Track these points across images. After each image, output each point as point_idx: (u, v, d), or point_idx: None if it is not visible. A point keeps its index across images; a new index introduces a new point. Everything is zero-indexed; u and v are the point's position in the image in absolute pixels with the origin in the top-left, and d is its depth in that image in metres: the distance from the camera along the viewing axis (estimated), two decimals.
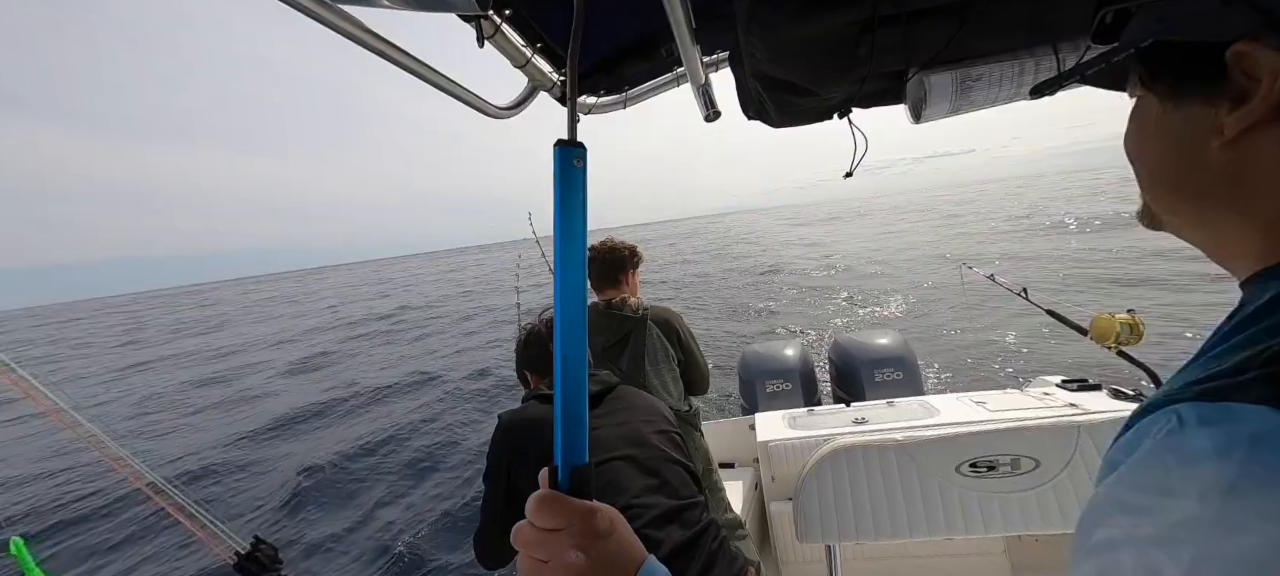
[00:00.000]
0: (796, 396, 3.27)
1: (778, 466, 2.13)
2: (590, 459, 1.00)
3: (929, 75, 0.98)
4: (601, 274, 1.80)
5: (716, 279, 20.14)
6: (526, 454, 1.05)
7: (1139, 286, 10.22)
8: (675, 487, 1.04)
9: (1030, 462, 1.11)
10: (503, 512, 1.10)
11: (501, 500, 1.09)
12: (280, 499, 5.86)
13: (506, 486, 1.08)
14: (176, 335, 25.98)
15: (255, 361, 15.25)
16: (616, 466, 1.01)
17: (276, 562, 1.31)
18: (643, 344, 1.77)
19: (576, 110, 0.48)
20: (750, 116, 1.33)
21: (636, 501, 0.98)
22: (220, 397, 11.22)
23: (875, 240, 26.85)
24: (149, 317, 40.69)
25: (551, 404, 1.10)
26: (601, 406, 1.11)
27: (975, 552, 1.95)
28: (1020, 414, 2.04)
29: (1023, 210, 31.98)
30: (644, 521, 0.97)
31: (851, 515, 1.15)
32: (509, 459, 1.07)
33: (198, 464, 7.27)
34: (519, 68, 1.24)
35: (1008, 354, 7.96)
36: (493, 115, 1.31)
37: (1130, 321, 1.80)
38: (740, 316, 13.09)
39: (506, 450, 1.08)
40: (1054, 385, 2.34)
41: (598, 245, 1.83)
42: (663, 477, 1.03)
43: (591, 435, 1.06)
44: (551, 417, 1.10)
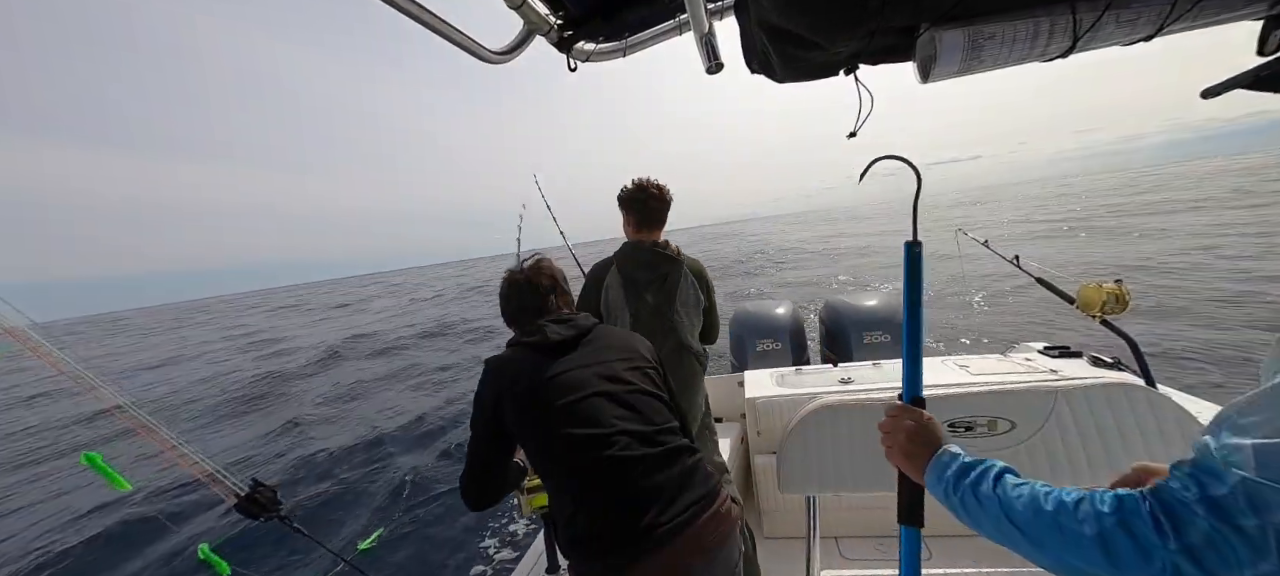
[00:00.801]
0: (786, 355, 3.33)
1: (763, 422, 2.19)
2: (569, 395, 1.05)
3: (940, 31, 0.94)
4: (645, 216, 1.88)
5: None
6: (514, 390, 1.09)
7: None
8: (648, 416, 1.10)
9: (1006, 424, 1.14)
10: (489, 450, 1.14)
11: (489, 437, 1.13)
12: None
13: (495, 422, 1.11)
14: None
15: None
16: (593, 402, 1.06)
17: (275, 503, 1.35)
18: (676, 283, 1.87)
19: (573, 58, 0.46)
20: (754, 70, 1.29)
21: (612, 430, 1.04)
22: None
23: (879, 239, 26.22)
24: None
25: (531, 350, 1.13)
26: (578, 349, 1.15)
27: None
28: (1001, 378, 2.10)
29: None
30: (619, 447, 1.02)
31: (832, 469, 1.20)
32: (496, 395, 1.11)
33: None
34: (514, 8, 1.18)
35: (994, 320, 8.11)
36: (488, 60, 1.26)
37: (1117, 291, 1.83)
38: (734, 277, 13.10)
39: (495, 388, 1.11)
40: (1036, 351, 2.39)
41: (642, 185, 1.88)
42: (636, 409, 1.10)
43: (569, 375, 1.08)
44: (533, 362, 1.10)
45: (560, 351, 1.14)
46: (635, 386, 1.13)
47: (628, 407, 1.09)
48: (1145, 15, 0.89)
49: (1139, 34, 0.92)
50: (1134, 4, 0.88)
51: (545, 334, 1.14)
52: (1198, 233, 13.60)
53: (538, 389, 1.07)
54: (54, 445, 8.21)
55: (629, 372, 1.15)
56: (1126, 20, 0.89)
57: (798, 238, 41.64)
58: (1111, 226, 16.94)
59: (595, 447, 1.02)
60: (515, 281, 1.28)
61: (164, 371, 15.53)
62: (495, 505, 1.21)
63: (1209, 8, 0.87)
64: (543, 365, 1.11)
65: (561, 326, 1.17)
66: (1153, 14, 0.88)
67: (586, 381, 1.09)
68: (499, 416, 1.10)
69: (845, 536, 2.11)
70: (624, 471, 1.02)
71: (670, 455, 1.07)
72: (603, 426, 1.04)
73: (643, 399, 1.12)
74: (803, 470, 1.21)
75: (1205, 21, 0.91)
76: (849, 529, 2.11)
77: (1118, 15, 0.88)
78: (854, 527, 2.11)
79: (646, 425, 1.08)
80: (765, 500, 2.19)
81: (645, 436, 1.06)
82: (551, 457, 1.06)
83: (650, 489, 1.01)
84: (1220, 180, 34.95)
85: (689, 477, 1.07)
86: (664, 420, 1.13)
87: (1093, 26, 0.89)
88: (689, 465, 1.09)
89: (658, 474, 1.04)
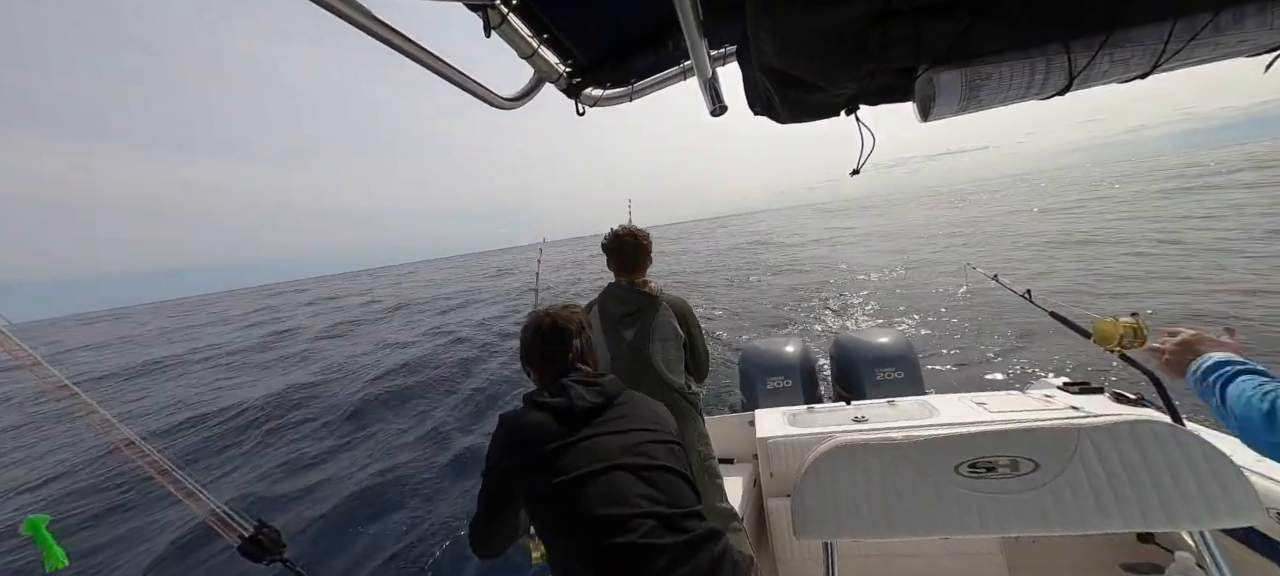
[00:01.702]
0: (797, 393, 3.27)
1: (776, 463, 2.13)
2: (591, 466, 1.01)
3: (938, 73, 0.97)
4: (623, 259, 1.99)
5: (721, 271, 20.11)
6: (527, 456, 1.05)
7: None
8: (673, 497, 1.03)
9: (1029, 464, 1.10)
10: (498, 505, 1.11)
11: (497, 494, 1.10)
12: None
13: (504, 483, 1.08)
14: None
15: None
16: (616, 476, 1.01)
17: (279, 546, 1.32)
18: (653, 319, 1.92)
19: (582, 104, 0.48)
20: (757, 112, 1.32)
21: (636, 511, 0.98)
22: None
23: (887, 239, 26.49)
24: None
25: (546, 411, 1.09)
26: (605, 415, 1.11)
27: (972, 552, 1.96)
28: (1021, 415, 2.04)
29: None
30: (643, 531, 0.95)
31: (849, 513, 1.15)
32: (508, 459, 1.08)
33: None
34: (525, 59, 1.24)
35: (1010, 355, 7.94)
36: (499, 105, 1.31)
37: (1134, 325, 1.79)
38: (739, 309, 13.07)
39: (505, 457, 1.08)
40: (1056, 387, 2.33)
41: (618, 233, 1.98)
42: (660, 487, 1.04)
43: (594, 443, 1.04)
44: (548, 427, 1.07)
45: (585, 419, 1.09)
46: (660, 463, 1.07)
47: (652, 485, 1.02)
48: (1139, 55, 0.91)
49: (1133, 72, 0.95)
50: (1128, 44, 0.90)
51: (570, 397, 1.09)
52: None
53: (556, 457, 1.02)
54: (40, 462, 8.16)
55: (653, 446, 1.09)
56: (1120, 59, 0.92)
57: (799, 229, 41.94)
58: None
59: (615, 531, 0.95)
60: (540, 325, 1.24)
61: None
62: (504, 553, 1.18)
63: (1201, 48, 0.90)
64: (564, 431, 1.05)
65: (587, 389, 1.12)
66: (1147, 54, 0.91)
67: (611, 451, 1.03)
68: (507, 480, 1.07)
69: None
70: (644, 561, 0.93)
71: (694, 544, 0.98)
72: (625, 506, 0.97)
73: (667, 477, 1.06)
74: (819, 514, 1.17)
75: (1198, 60, 0.93)
76: None
77: (1112, 54, 0.91)
78: (875, 575, 2.02)
79: (671, 508, 1.01)
80: (780, 547, 2.11)
81: (669, 520, 0.99)
82: (564, 535, 0.99)
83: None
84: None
85: (717, 567, 0.98)
86: (688, 503, 1.06)
87: (1087, 66, 0.92)
88: (716, 555, 1.00)
89: (682, 565, 0.95)
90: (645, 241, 1.99)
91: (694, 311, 2.02)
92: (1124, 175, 57.61)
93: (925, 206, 47.09)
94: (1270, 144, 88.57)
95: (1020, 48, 0.94)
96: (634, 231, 1.98)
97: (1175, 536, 1.78)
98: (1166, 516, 1.03)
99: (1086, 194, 34.89)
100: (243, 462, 6.94)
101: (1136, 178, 46.48)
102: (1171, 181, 33.93)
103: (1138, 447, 1.07)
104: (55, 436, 9.48)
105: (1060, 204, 29.90)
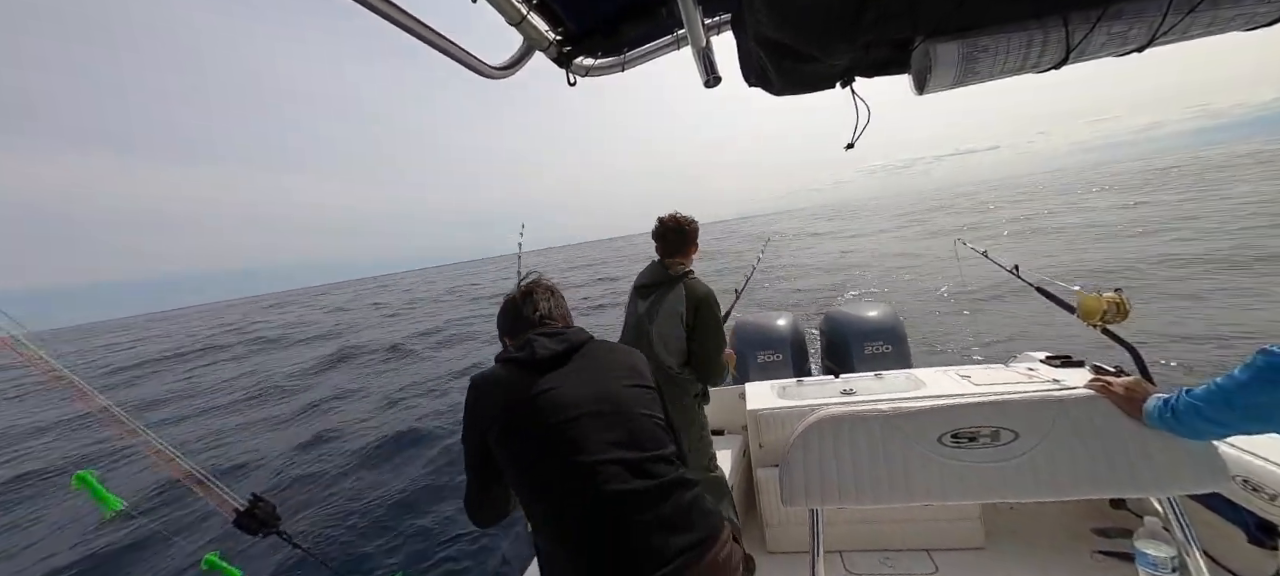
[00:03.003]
0: (787, 367, 3.31)
1: (765, 434, 2.18)
2: (556, 418, 1.00)
3: (934, 44, 0.96)
4: (665, 244, 2.07)
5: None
6: (495, 410, 1.04)
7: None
8: (641, 440, 1.01)
9: (1009, 434, 1.13)
10: (481, 470, 1.10)
11: (478, 458, 1.09)
12: None
13: (481, 444, 1.07)
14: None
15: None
16: (582, 423, 0.99)
17: (274, 518, 1.33)
18: (664, 297, 1.98)
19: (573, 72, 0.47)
20: (751, 83, 1.30)
21: (602, 457, 0.95)
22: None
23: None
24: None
25: (517, 367, 1.08)
26: (569, 364, 1.08)
27: (952, 518, 2.02)
28: (1003, 388, 2.09)
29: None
30: (607, 476, 0.94)
31: (835, 481, 1.18)
32: (479, 416, 1.07)
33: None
34: (514, 25, 1.20)
35: (996, 329, 8.09)
36: (488, 75, 1.27)
37: (1117, 300, 1.83)
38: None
39: (477, 408, 1.08)
40: (1038, 361, 2.38)
41: (663, 219, 2.09)
42: (630, 432, 1.01)
43: (557, 393, 1.03)
44: (512, 379, 1.07)
45: (549, 366, 1.06)
46: (629, 407, 1.05)
47: (619, 430, 1.00)
48: (1137, 27, 0.90)
49: (1131, 45, 0.94)
50: (1125, 16, 0.89)
51: (533, 349, 1.07)
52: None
53: (521, 408, 1.01)
54: (45, 457, 8.15)
55: (624, 391, 1.07)
56: (1118, 32, 0.91)
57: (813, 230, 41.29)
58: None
59: (581, 478, 0.94)
60: (511, 298, 1.24)
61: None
62: (503, 520, 1.18)
63: (1199, 20, 0.89)
64: (529, 382, 1.03)
65: (551, 339, 1.10)
66: (1144, 26, 0.90)
67: (577, 400, 1.01)
68: (484, 439, 1.05)
69: (850, 550, 2.08)
70: (612, 509, 0.92)
71: (664, 490, 0.97)
72: (591, 453, 0.96)
73: (637, 420, 1.04)
74: (805, 483, 1.20)
75: (1196, 33, 0.93)
76: (854, 542, 2.09)
77: (1109, 27, 0.90)
78: (859, 541, 2.09)
79: (639, 451, 0.99)
80: (768, 514, 2.17)
81: (636, 465, 0.97)
82: (533, 488, 0.98)
83: (640, 529, 0.92)
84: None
85: (685, 517, 0.96)
86: (657, 446, 1.03)
87: (1084, 38, 0.91)
88: (686, 502, 0.98)
89: (648, 511, 0.93)
90: (689, 227, 2.06)
91: (713, 305, 1.98)
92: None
93: (954, 212, 40.97)
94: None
95: (1017, 19, 0.93)
96: (678, 218, 2.07)
97: (1145, 502, 1.86)
98: (1136, 484, 1.08)
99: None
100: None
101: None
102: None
103: (1112, 419, 1.10)
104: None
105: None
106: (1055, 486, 1.10)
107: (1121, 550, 1.81)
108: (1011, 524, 2.09)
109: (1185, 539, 1.11)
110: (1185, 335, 6.58)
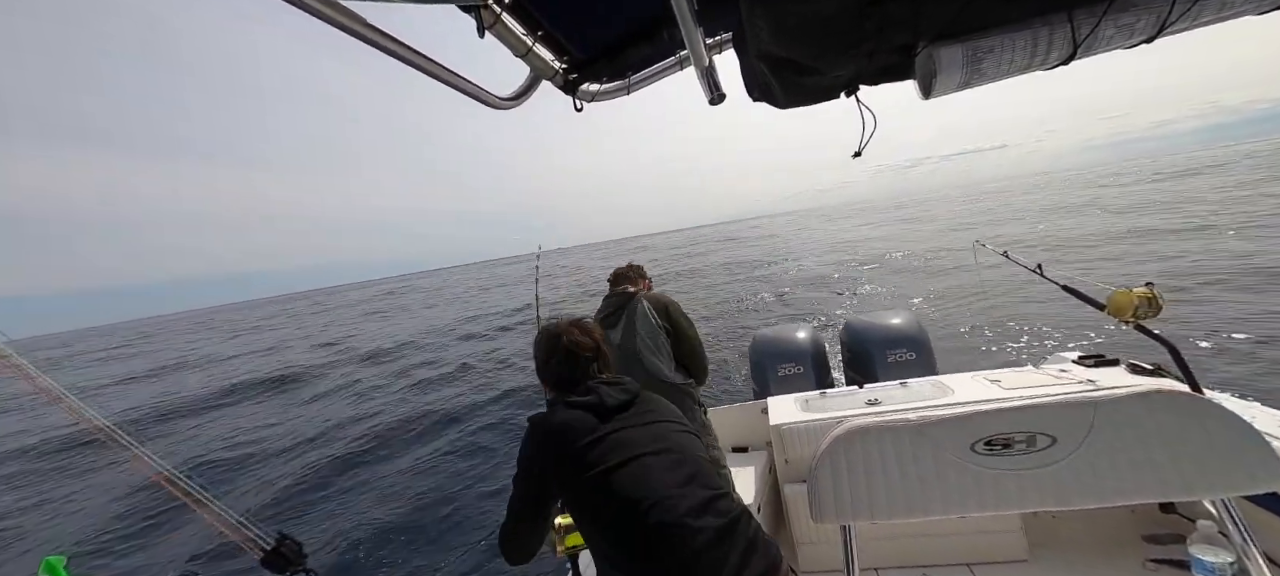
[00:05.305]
0: (809, 379, 3.26)
1: (791, 449, 2.13)
2: (624, 455, 1.03)
3: (938, 48, 0.95)
4: (614, 279, 2.25)
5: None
6: (565, 451, 1.07)
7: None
8: (706, 479, 1.07)
9: (1046, 439, 1.09)
10: (531, 510, 1.13)
11: (532, 497, 1.11)
12: None
13: (540, 484, 1.10)
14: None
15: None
16: (646, 462, 1.04)
17: (302, 557, 1.34)
18: (635, 315, 2.03)
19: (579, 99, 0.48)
20: (755, 98, 1.31)
21: (672, 493, 1.00)
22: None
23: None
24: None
25: (577, 409, 1.11)
26: (630, 410, 1.14)
27: (992, 530, 1.94)
28: (1036, 391, 2.02)
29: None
30: (681, 511, 0.98)
31: (866, 495, 1.15)
32: (544, 456, 1.09)
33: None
34: (520, 57, 1.23)
35: (1024, 331, 7.87)
36: (495, 105, 1.31)
37: (1148, 295, 1.76)
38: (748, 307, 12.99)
39: (540, 453, 1.10)
40: (1070, 361, 2.31)
41: (618, 268, 2.31)
42: (692, 471, 1.07)
43: (623, 434, 1.07)
44: (582, 421, 1.10)
45: (614, 413, 1.12)
46: (689, 450, 1.12)
47: (684, 471, 1.06)
48: (1144, 18, 0.89)
49: (1138, 37, 0.93)
50: (1132, 8, 0.88)
51: (601, 396, 1.13)
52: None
53: (592, 450, 1.05)
54: (54, 472, 8.30)
55: (678, 436, 1.14)
56: (1125, 24, 0.90)
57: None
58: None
59: (650, 513, 0.98)
60: (555, 343, 1.26)
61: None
62: (533, 559, 1.19)
63: (1209, 6, 0.87)
64: (596, 425, 1.09)
65: (614, 389, 1.16)
66: (1152, 17, 0.89)
67: (640, 441, 1.07)
68: (544, 478, 1.09)
69: (887, 567, 2.01)
70: (683, 540, 0.96)
71: (732, 524, 1.02)
72: (661, 491, 1.00)
73: (697, 462, 1.10)
74: (835, 498, 1.16)
75: (1205, 21, 0.91)
76: (890, 559, 2.01)
77: (1116, 19, 0.89)
78: (895, 558, 2.01)
79: (704, 490, 1.04)
80: (799, 532, 2.11)
81: (705, 503, 1.02)
82: (602, 523, 1.02)
83: (714, 561, 0.96)
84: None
85: (752, 547, 1.01)
86: (717, 485, 1.08)
87: (1091, 32, 0.90)
88: (751, 534, 1.03)
89: (721, 545, 0.98)
90: (640, 268, 2.32)
91: (678, 305, 2.09)
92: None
93: (980, 212, 34.82)
94: None
95: (1022, 17, 0.92)
96: (631, 264, 2.34)
97: (1197, 505, 1.76)
98: (1186, 486, 1.02)
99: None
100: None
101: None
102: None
103: (1155, 418, 1.05)
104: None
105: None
106: (1099, 492, 1.05)
107: (1175, 557, 1.72)
108: (1056, 534, 2.00)
109: (1243, 542, 1.05)
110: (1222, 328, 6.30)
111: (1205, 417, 1.03)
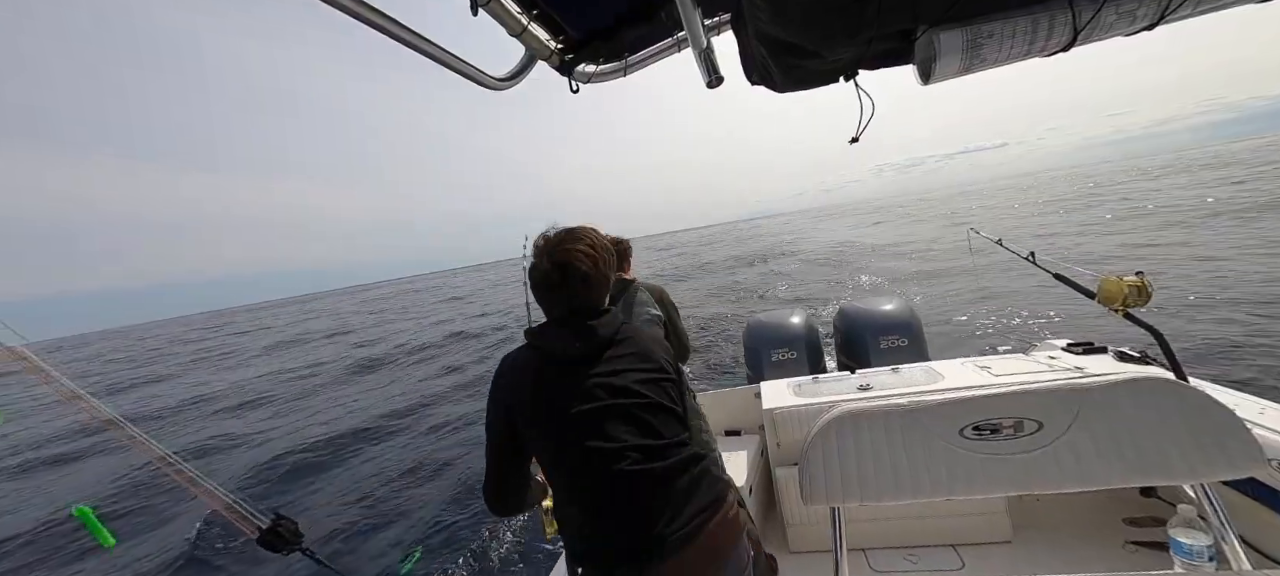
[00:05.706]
0: (802, 364, 3.28)
1: (783, 433, 2.16)
2: (581, 406, 1.04)
3: (938, 33, 0.94)
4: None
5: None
6: (522, 397, 1.08)
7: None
8: (658, 430, 1.08)
9: (1033, 425, 1.11)
10: (504, 455, 1.13)
11: (502, 442, 1.12)
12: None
13: (507, 427, 1.10)
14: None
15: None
16: (602, 416, 1.05)
17: (297, 536, 1.35)
18: (632, 304, 2.02)
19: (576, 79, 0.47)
20: (754, 81, 1.30)
21: (622, 445, 1.03)
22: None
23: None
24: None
25: (545, 357, 1.09)
26: (597, 359, 1.10)
27: (977, 511, 1.99)
28: (1024, 377, 2.05)
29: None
30: (628, 462, 1.02)
31: (856, 478, 1.17)
32: (506, 401, 1.10)
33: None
34: (515, 36, 1.21)
35: (1015, 318, 7.95)
36: (490, 86, 1.29)
37: (1138, 283, 1.78)
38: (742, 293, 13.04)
39: (505, 394, 1.11)
40: (1060, 348, 2.33)
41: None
42: (648, 425, 1.08)
43: (580, 388, 1.06)
44: (546, 370, 1.09)
45: (575, 362, 1.10)
46: (649, 400, 1.10)
47: (638, 423, 1.07)
48: (1145, 4, 0.88)
49: (1140, 24, 0.92)
50: None
51: (554, 346, 1.10)
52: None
53: (548, 399, 1.06)
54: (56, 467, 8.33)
55: (642, 385, 1.12)
56: (1126, 10, 0.89)
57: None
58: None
59: (605, 460, 1.02)
60: (537, 263, 1.17)
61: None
62: (521, 512, 1.20)
63: None
64: (555, 374, 1.08)
65: (577, 338, 1.10)
66: (1152, 3, 0.88)
67: (596, 394, 1.07)
68: (510, 422, 1.09)
69: (874, 548, 2.05)
70: (632, 485, 1.02)
71: (679, 466, 1.07)
72: (613, 441, 1.03)
73: (655, 413, 1.11)
74: (826, 481, 1.18)
75: (1207, 7, 0.90)
76: (877, 540, 2.06)
77: (1117, 6, 0.88)
78: (882, 538, 2.05)
79: (656, 439, 1.07)
80: (789, 514, 2.15)
81: (654, 451, 1.06)
82: (560, 467, 1.06)
83: (659, 500, 1.02)
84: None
85: (696, 485, 1.07)
86: (673, 434, 1.11)
87: (1092, 19, 0.89)
88: (696, 473, 1.09)
89: (666, 486, 1.04)
90: (623, 246, 2.14)
91: (668, 295, 2.08)
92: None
93: (986, 208, 34.32)
94: None
95: (1023, 2, 0.91)
96: (613, 238, 2.12)
97: (1177, 489, 1.81)
98: (1167, 471, 1.04)
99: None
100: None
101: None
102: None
103: (1139, 404, 1.07)
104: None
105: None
106: (1082, 476, 1.07)
107: (1155, 539, 1.77)
108: (1039, 516, 2.05)
109: (1221, 525, 1.08)
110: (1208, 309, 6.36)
111: (1188, 404, 1.05)
